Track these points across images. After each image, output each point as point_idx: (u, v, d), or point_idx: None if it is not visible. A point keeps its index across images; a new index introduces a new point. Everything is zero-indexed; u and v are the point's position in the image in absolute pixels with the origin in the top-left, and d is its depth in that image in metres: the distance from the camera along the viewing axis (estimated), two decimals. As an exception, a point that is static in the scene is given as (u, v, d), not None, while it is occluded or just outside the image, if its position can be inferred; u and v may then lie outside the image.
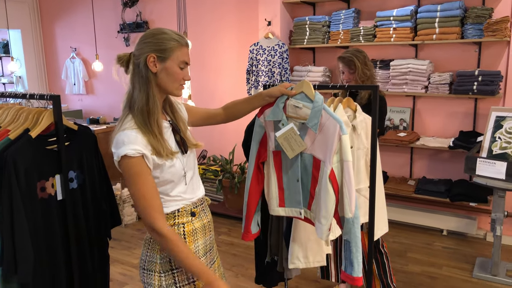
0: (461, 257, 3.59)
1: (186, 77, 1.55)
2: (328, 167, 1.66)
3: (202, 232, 1.64)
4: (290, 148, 1.74)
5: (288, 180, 1.84)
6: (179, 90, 1.57)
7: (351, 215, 1.66)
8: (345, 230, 1.70)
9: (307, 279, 3.25)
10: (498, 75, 3.56)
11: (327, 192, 1.67)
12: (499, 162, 3.01)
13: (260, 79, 4.45)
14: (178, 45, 1.51)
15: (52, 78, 6.96)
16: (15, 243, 1.62)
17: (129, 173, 1.44)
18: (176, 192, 1.57)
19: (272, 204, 1.89)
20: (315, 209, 1.76)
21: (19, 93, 1.86)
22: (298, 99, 1.74)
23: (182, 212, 1.58)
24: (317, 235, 1.74)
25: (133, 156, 1.42)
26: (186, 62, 1.55)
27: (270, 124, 1.81)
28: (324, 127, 1.68)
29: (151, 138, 1.47)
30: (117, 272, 3.45)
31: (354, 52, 2.67)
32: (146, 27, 5.57)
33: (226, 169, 4.59)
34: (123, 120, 1.51)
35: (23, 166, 1.64)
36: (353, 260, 1.71)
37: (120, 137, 1.45)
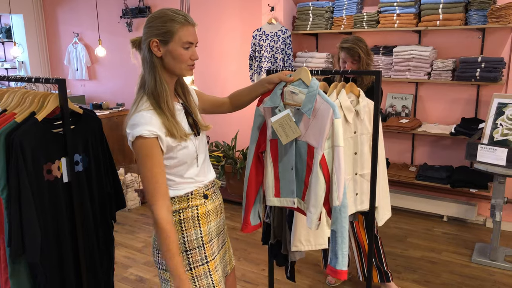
0: (461, 243, 3.63)
1: (193, 56, 1.53)
2: (320, 153, 1.65)
3: (215, 214, 1.68)
4: (285, 134, 1.74)
5: (283, 169, 1.84)
6: (188, 71, 1.55)
7: (338, 203, 1.63)
8: (332, 219, 1.66)
9: (308, 263, 3.30)
10: (501, 62, 3.56)
11: (318, 179, 1.66)
12: (500, 148, 3.03)
13: (263, 65, 4.45)
14: (179, 26, 1.49)
15: (55, 63, 6.96)
16: (22, 224, 1.66)
17: (142, 154, 1.46)
18: (189, 174, 1.59)
19: (269, 194, 1.90)
20: (307, 198, 1.75)
21: (25, 77, 1.88)
22: (295, 86, 1.76)
23: (195, 194, 1.61)
24: (307, 224, 1.73)
25: (148, 137, 1.44)
26: (190, 41, 1.51)
27: (268, 111, 1.82)
28: (318, 112, 1.68)
29: (165, 119, 1.48)
30: (121, 256, 3.50)
31: (357, 42, 2.61)
32: (149, 12, 5.55)
33: (228, 155, 4.62)
34: (138, 101, 1.52)
35: (29, 148, 1.66)
36: (338, 252, 1.66)
37: (136, 118, 1.46)
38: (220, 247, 1.74)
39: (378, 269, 2.75)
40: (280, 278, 3.02)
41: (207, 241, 1.63)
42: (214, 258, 1.66)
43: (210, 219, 1.65)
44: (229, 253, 1.85)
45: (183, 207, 1.58)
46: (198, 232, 1.60)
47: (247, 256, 3.45)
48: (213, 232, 1.67)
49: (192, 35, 1.52)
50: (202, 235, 1.61)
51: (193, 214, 1.60)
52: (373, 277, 2.75)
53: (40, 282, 1.76)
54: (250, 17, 4.83)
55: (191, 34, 1.51)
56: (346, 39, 2.68)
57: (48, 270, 1.77)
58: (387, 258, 2.86)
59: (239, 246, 3.64)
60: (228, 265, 1.84)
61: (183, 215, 1.58)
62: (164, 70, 1.54)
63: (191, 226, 1.59)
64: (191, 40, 1.51)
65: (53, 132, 1.77)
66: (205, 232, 1.62)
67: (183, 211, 1.58)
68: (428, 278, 3.09)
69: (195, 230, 1.59)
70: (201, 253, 1.61)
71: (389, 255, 3.39)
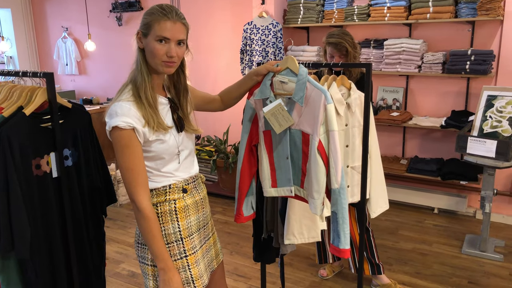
0: (451, 234, 3.67)
1: (168, 52, 1.47)
2: (316, 139, 1.66)
3: (195, 209, 1.66)
4: (278, 123, 1.74)
5: (279, 159, 1.84)
6: (163, 67, 1.50)
7: (337, 186, 1.66)
8: (332, 201, 1.70)
9: (300, 256, 3.31)
10: (490, 55, 3.58)
11: (317, 164, 1.67)
12: (490, 140, 3.05)
13: (254, 58, 4.44)
14: (156, 19, 1.46)
15: (44, 58, 6.88)
16: (11, 220, 1.63)
17: (118, 145, 1.46)
18: (167, 169, 1.58)
19: (265, 185, 1.90)
20: (307, 185, 1.76)
21: (12, 71, 1.85)
22: (284, 75, 1.76)
23: (174, 188, 1.60)
24: (312, 211, 1.75)
25: (124, 128, 1.44)
26: (165, 37, 1.46)
27: (259, 103, 1.82)
28: (310, 99, 1.68)
29: (144, 111, 1.47)
30: (113, 251, 3.49)
31: (343, 36, 2.60)
32: (139, 6, 5.50)
33: (220, 149, 4.61)
34: (122, 91, 1.53)
35: (17, 143, 1.64)
36: (340, 232, 1.70)
37: (114, 108, 1.46)
38: (202, 242, 1.71)
39: (370, 262, 2.76)
40: (273, 271, 3.03)
41: (186, 235, 1.61)
42: (195, 252, 1.64)
43: (190, 213, 1.63)
44: (215, 248, 1.83)
45: (160, 201, 1.57)
46: (176, 226, 1.58)
47: (240, 250, 3.45)
48: (193, 226, 1.65)
49: (169, 30, 1.46)
50: (180, 229, 1.59)
51: (171, 208, 1.58)
52: (365, 270, 2.76)
53: (30, 278, 1.74)
54: (240, 10, 4.81)
55: (168, 29, 1.46)
56: (332, 33, 2.65)
57: (38, 266, 1.75)
58: (378, 251, 2.88)
59: (232, 240, 3.65)
60: (214, 260, 1.81)
61: (160, 208, 1.57)
62: (147, 62, 1.53)
63: (168, 220, 1.58)
64: (166, 35, 1.46)
65: (41, 127, 1.75)
66: (184, 227, 1.60)
67: (160, 204, 1.57)
68: (419, 270, 3.11)
69: (173, 224, 1.58)
70: (180, 247, 1.59)
71: (380, 248, 3.41)
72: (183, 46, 1.54)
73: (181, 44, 1.52)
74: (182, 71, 1.65)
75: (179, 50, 1.51)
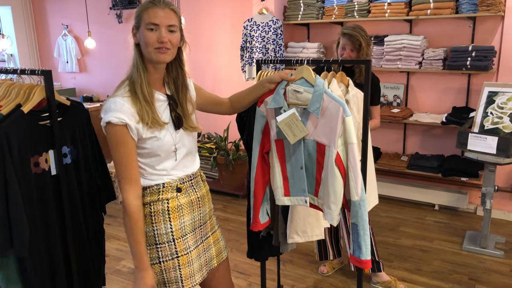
0: (452, 231, 3.66)
1: (159, 38, 1.47)
2: (334, 151, 1.64)
3: (190, 208, 1.64)
4: (292, 133, 1.72)
5: (292, 169, 1.82)
6: (156, 54, 1.49)
7: (358, 198, 1.64)
8: (352, 213, 1.68)
9: (300, 253, 3.31)
10: (491, 51, 3.56)
11: (335, 176, 1.65)
12: (490, 136, 3.04)
13: (254, 55, 4.43)
14: (144, 8, 1.48)
15: (44, 56, 6.87)
16: (10, 218, 1.64)
17: (112, 140, 1.47)
18: (162, 167, 1.57)
19: (278, 193, 1.88)
20: (323, 195, 1.74)
21: (10, 69, 1.85)
22: (298, 84, 1.73)
23: (167, 187, 1.58)
24: (328, 221, 1.73)
25: (116, 124, 1.45)
26: (154, 23, 1.46)
27: (272, 112, 1.79)
28: (326, 111, 1.66)
29: (139, 107, 1.47)
30: (113, 248, 3.49)
31: (359, 30, 2.55)
32: (139, 3, 5.49)
33: (220, 146, 4.61)
34: (119, 86, 1.54)
35: (16, 140, 1.64)
36: (361, 243, 1.68)
37: (109, 104, 1.47)
38: (198, 242, 1.69)
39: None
40: (273, 268, 3.03)
41: (179, 236, 1.59)
42: (188, 253, 1.62)
43: (183, 213, 1.61)
44: (217, 247, 1.80)
45: (153, 200, 1.56)
46: (168, 227, 1.57)
47: (240, 247, 3.46)
48: (188, 227, 1.62)
49: (158, 17, 1.47)
50: (172, 230, 1.58)
51: (163, 208, 1.57)
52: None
53: (29, 276, 1.74)
54: (240, 7, 4.79)
55: (156, 16, 1.47)
56: (348, 25, 2.62)
57: (38, 263, 1.76)
58: (379, 248, 2.87)
59: (232, 237, 3.65)
60: (215, 258, 1.78)
61: (153, 208, 1.56)
62: (143, 57, 1.53)
63: (161, 220, 1.56)
64: (155, 21, 1.46)
65: (40, 125, 1.75)
66: (176, 227, 1.58)
67: (153, 203, 1.57)
68: (420, 266, 3.11)
69: (165, 224, 1.57)
70: (171, 248, 1.58)
71: (381, 244, 3.41)
72: (176, 33, 1.52)
73: (173, 31, 1.51)
74: (181, 67, 1.63)
75: (171, 37, 1.50)
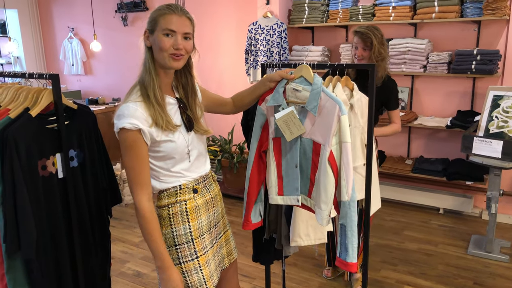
0: (457, 235, 3.65)
1: (175, 45, 1.50)
2: (327, 149, 1.65)
3: (205, 209, 1.67)
4: (289, 131, 1.73)
5: (287, 167, 1.83)
6: (170, 60, 1.52)
7: (348, 198, 1.64)
8: (341, 214, 1.67)
9: (305, 256, 3.32)
10: (496, 54, 3.56)
11: (327, 175, 1.66)
12: (495, 140, 3.04)
13: (259, 58, 4.44)
14: (161, 14, 1.50)
15: (50, 58, 6.92)
16: (18, 220, 1.65)
17: (124, 145, 1.49)
18: (177, 169, 1.60)
19: (271, 192, 1.88)
20: (315, 195, 1.75)
21: (18, 73, 1.87)
22: (297, 83, 1.75)
23: (184, 189, 1.61)
24: (318, 222, 1.73)
25: (130, 129, 1.46)
26: (171, 29, 1.48)
27: (271, 110, 1.81)
28: (323, 109, 1.67)
29: (152, 110, 1.49)
30: (118, 250, 3.51)
31: (372, 29, 2.53)
32: (144, 6, 5.52)
33: (225, 149, 4.62)
34: (131, 91, 1.55)
35: (24, 144, 1.66)
36: (348, 245, 1.68)
37: (122, 109, 1.49)
38: (213, 241, 1.73)
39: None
40: (277, 271, 3.03)
41: (197, 236, 1.63)
42: (206, 253, 1.66)
43: (200, 213, 1.64)
44: (228, 246, 1.84)
45: (171, 202, 1.59)
46: (186, 227, 1.60)
47: (244, 250, 3.46)
48: (204, 226, 1.66)
49: (175, 23, 1.49)
50: (191, 230, 1.61)
51: (182, 209, 1.60)
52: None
53: (36, 278, 1.75)
54: (245, 11, 4.81)
55: (173, 22, 1.49)
56: (362, 25, 2.61)
57: (44, 265, 1.77)
58: (384, 251, 2.87)
59: (236, 239, 3.61)
60: (226, 258, 1.83)
61: (171, 209, 1.59)
62: (155, 61, 1.54)
63: (179, 221, 1.60)
64: (172, 28, 1.49)
65: (47, 128, 1.77)
66: (195, 227, 1.62)
67: (171, 206, 1.59)
68: (424, 270, 3.11)
69: (184, 225, 1.60)
70: (190, 248, 1.61)
71: (385, 248, 3.41)
72: (190, 41, 1.55)
73: (187, 38, 1.54)
74: (190, 72, 1.66)
75: (186, 44, 1.53)
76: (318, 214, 1.73)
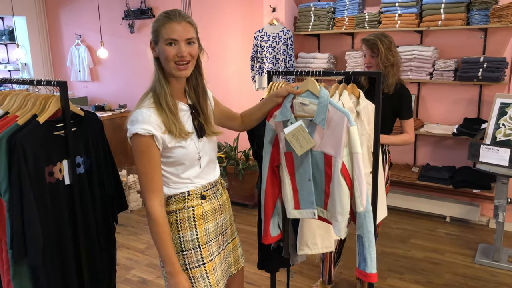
0: (464, 243, 3.62)
1: (178, 53, 1.49)
2: (339, 161, 1.65)
3: (213, 215, 1.67)
4: (299, 145, 1.73)
5: (301, 181, 1.82)
6: (176, 70, 1.52)
7: (363, 209, 1.63)
8: (357, 224, 1.67)
9: (310, 264, 3.30)
10: (503, 62, 3.55)
11: (341, 187, 1.66)
12: (503, 148, 3.02)
13: (265, 65, 4.45)
14: (162, 23, 1.50)
15: (57, 65, 6.98)
16: (24, 226, 1.66)
17: (137, 150, 1.50)
18: (187, 175, 1.60)
19: (288, 207, 1.87)
20: (331, 207, 1.74)
21: (27, 79, 1.88)
22: (304, 97, 1.76)
23: (192, 195, 1.61)
24: (335, 233, 1.73)
25: (143, 135, 1.47)
26: (173, 38, 1.48)
27: (280, 125, 1.81)
28: (332, 122, 1.67)
29: (165, 117, 1.50)
30: (123, 257, 3.51)
31: (379, 36, 2.55)
32: (151, 13, 5.56)
33: (230, 155, 4.62)
34: (143, 98, 1.56)
35: (31, 151, 1.67)
36: (366, 256, 1.67)
37: (135, 115, 1.49)
38: (221, 248, 1.73)
39: None
40: (283, 279, 3.01)
41: (204, 242, 1.63)
42: (212, 259, 1.66)
43: (208, 220, 1.65)
44: (235, 254, 1.84)
45: (179, 208, 1.59)
46: (194, 233, 1.60)
47: (249, 258, 3.45)
48: (212, 233, 1.66)
49: (175, 31, 1.48)
50: (198, 236, 1.61)
51: (189, 215, 1.60)
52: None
53: (42, 284, 1.76)
54: (251, 18, 4.83)
55: (173, 30, 1.48)
56: (372, 33, 2.62)
57: (50, 271, 1.77)
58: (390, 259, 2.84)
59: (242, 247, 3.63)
60: (233, 265, 1.83)
61: (179, 215, 1.60)
62: (163, 70, 1.55)
63: (187, 227, 1.60)
64: (173, 37, 1.48)
65: (54, 135, 1.78)
66: (202, 234, 1.62)
67: (179, 211, 1.60)
68: (431, 279, 3.08)
69: (191, 231, 1.60)
70: (197, 254, 1.61)
71: (391, 256, 3.39)
72: (194, 44, 1.55)
73: (191, 43, 1.53)
74: (199, 73, 1.66)
75: (190, 49, 1.53)
76: (336, 226, 1.73)
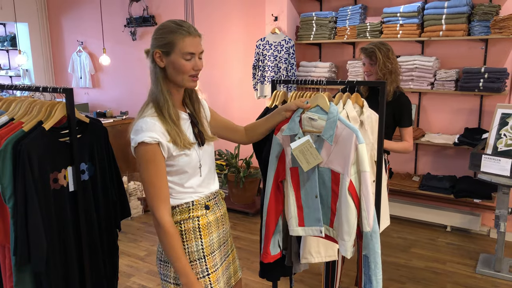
0: (465, 253, 3.62)
1: (195, 66, 1.53)
2: (347, 179, 1.63)
3: (216, 226, 1.67)
4: (306, 160, 1.71)
5: (307, 197, 1.80)
6: (190, 82, 1.55)
7: (369, 229, 1.61)
8: (364, 244, 1.64)
9: (311, 273, 3.29)
10: (504, 72, 3.57)
11: (348, 206, 1.63)
12: (504, 158, 3.02)
13: (266, 74, 4.47)
14: (180, 37, 1.49)
15: (59, 71, 6.99)
16: (28, 233, 1.66)
17: (143, 159, 1.48)
18: (190, 184, 1.59)
19: (292, 224, 1.84)
20: (337, 226, 1.72)
21: (33, 86, 1.89)
22: (313, 112, 1.74)
23: (197, 205, 1.61)
24: (342, 253, 1.71)
25: (150, 143, 1.46)
26: (191, 52, 1.51)
27: (287, 140, 1.80)
28: (340, 138, 1.66)
29: (169, 127, 1.50)
30: (124, 264, 3.49)
31: (377, 44, 2.58)
32: (153, 21, 5.59)
33: (231, 163, 4.62)
34: (144, 108, 1.55)
35: (36, 157, 1.67)
36: (372, 277, 1.65)
37: (139, 124, 1.49)
38: (223, 259, 1.72)
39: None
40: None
41: (209, 253, 1.62)
42: (216, 270, 1.65)
43: (212, 230, 1.64)
44: (234, 265, 1.83)
45: (184, 218, 1.58)
46: (199, 244, 1.59)
47: (250, 266, 3.44)
48: (215, 244, 1.66)
49: (193, 46, 1.51)
50: (203, 247, 1.60)
51: (194, 225, 1.59)
52: None
53: (45, 291, 1.75)
54: (253, 26, 4.86)
55: (192, 45, 1.51)
56: (371, 42, 2.64)
57: (54, 279, 1.77)
58: (391, 268, 2.84)
59: (242, 255, 3.63)
60: (233, 277, 1.81)
61: (184, 226, 1.58)
62: (168, 81, 1.56)
63: (192, 238, 1.59)
64: (191, 51, 1.51)
65: (59, 141, 1.78)
66: (207, 244, 1.61)
67: (184, 222, 1.58)
68: (432, 289, 3.07)
69: (196, 242, 1.59)
70: (202, 265, 1.60)
71: (392, 265, 3.38)
72: (202, 58, 1.59)
73: (201, 57, 1.57)
74: None
75: (201, 61, 1.57)
76: (342, 245, 1.70)
